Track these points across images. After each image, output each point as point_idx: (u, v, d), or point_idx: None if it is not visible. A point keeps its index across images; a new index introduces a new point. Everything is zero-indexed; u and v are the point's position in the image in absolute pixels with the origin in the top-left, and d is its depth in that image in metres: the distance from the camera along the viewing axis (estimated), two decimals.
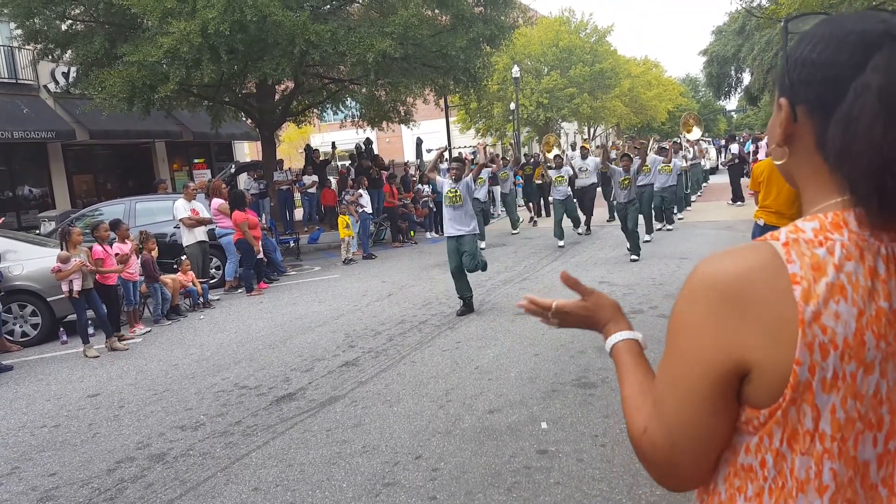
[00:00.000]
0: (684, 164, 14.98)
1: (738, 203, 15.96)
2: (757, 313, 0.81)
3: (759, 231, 5.46)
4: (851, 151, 0.81)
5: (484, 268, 7.70)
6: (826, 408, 0.81)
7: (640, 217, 10.91)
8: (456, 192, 7.39)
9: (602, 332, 1.16)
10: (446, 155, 12.46)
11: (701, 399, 0.85)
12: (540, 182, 15.76)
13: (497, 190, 16.36)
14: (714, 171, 24.20)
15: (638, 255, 10.01)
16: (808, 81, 0.86)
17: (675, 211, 14.47)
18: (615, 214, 12.59)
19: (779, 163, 0.94)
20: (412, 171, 18.95)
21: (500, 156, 18.94)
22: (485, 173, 11.65)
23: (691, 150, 16.81)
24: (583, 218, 13.36)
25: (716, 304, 0.84)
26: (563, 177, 12.08)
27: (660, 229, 12.97)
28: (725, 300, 0.83)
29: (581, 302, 1.18)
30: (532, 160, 18.59)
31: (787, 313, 0.80)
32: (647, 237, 11.56)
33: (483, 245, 12.64)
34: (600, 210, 14.76)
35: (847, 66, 0.83)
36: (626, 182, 10.21)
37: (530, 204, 17.00)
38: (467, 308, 7.52)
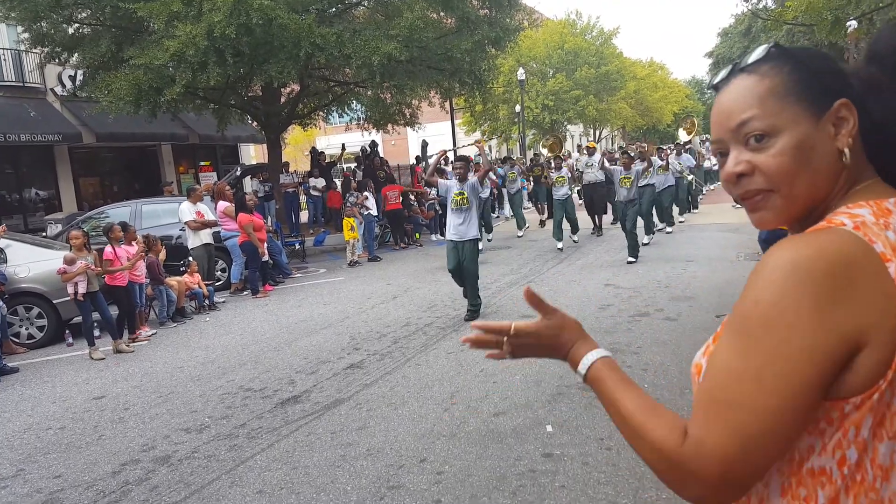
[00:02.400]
0: (682, 169, 14.85)
1: (737, 205, 15.85)
2: (865, 290, 0.79)
3: (766, 233, 5.43)
4: None
5: (474, 287, 7.48)
6: None
7: (640, 221, 10.90)
8: (463, 194, 7.36)
9: (568, 354, 1.05)
10: (450, 156, 12.41)
11: (798, 397, 0.79)
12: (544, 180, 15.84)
13: (504, 191, 16.45)
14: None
15: (636, 257, 9.97)
16: (843, 80, 0.92)
17: (678, 213, 14.47)
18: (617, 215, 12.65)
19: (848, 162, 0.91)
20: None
21: (509, 157, 18.96)
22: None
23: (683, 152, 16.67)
24: (589, 226, 13.32)
25: (823, 285, 0.78)
26: (563, 177, 12.09)
27: (660, 230, 12.96)
28: (833, 280, 0.79)
29: (544, 321, 1.07)
30: (539, 161, 18.62)
31: (890, 290, 0.79)
32: (645, 239, 11.53)
33: (490, 237, 12.59)
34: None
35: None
36: (627, 181, 10.21)
37: (539, 205, 17.03)
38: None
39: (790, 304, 0.80)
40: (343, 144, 19.93)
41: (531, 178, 17.71)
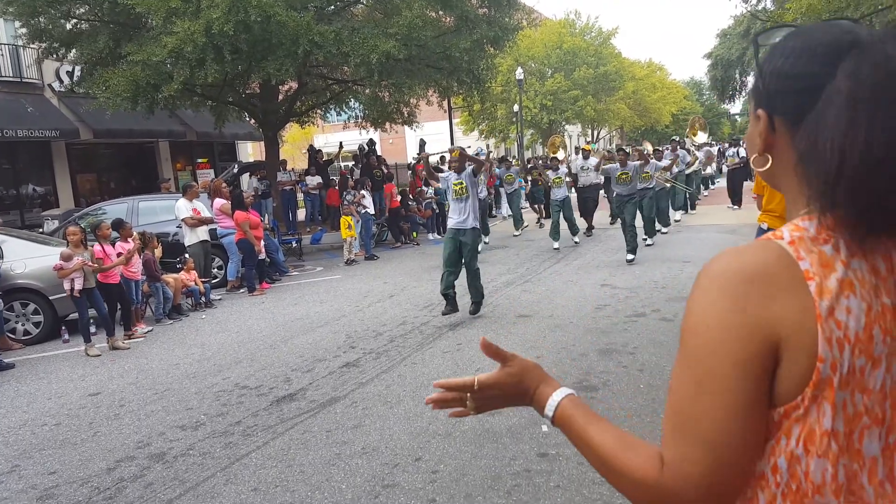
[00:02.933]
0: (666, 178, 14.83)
1: (734, 207, 15.95)
2: (782, 302, 0.80)
3: (763, 233, 5.44)
4: (816, 151, 0.83)
5: (478, 296, 7.45)
6: (840, 404, 0.80)
7: (640, 220, 10.91)
8: (462, 183, 7.39)
9: (533, 398, 1.03)
10: (434, 159, 12.51)
11: (737, 394, 0.80)
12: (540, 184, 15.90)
13: (502, 191, 16.52)
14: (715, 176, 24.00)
15: (634, 253, 9.97)
16: (785, 92, 0.88)
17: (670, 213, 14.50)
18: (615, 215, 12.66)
19: (761, 170, 0.95)
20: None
21: (505, 157, 18.99)
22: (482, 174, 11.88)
23: (698, 153, 16.81)
24: (582, 226, 13.32)
25: (742, 286, 0.81)
26: (560, 178, 12.10)
27: (660, 231, 12.97)
28: (751, 282, 0.81)
29: (505, 370, 1.06)
30: (536, 165, 18.65)
31: (807, 305, 0.80)
32: (649, 241, 11.54)
33: (487, 240, 12.68)
34: (602, 213, 14.74)
35: (820, 75, 0.84)
36: (625, 177, 10.24)
37: (536, 206, 17.05)
38: (451, 307, 7.23)
39: (709, 307, 0.83)
40: (340, 142, 19.91)
41: (528, 180, 17.76)
